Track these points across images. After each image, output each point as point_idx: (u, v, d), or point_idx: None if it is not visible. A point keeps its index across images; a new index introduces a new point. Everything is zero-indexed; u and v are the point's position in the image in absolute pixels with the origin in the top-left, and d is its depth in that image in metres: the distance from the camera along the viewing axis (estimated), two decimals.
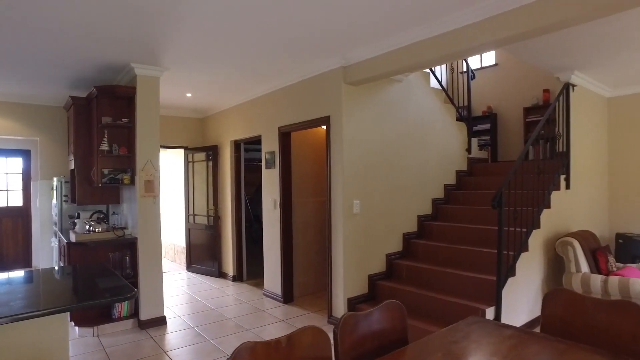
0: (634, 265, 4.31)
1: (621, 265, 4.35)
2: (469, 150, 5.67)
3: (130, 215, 4.53)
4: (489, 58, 7.16)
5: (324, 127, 4.42)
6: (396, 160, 4.67)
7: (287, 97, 4.90)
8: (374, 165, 4.43)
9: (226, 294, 5.52)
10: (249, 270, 6.40)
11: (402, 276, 4.49)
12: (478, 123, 6.99)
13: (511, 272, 3.78)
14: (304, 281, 5.32)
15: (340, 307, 4.23)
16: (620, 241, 5.33)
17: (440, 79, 5.41)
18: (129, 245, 4.36)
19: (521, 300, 3.91)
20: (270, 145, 5.23)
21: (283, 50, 3.88)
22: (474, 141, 5.87)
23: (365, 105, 4.34)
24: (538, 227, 4.18)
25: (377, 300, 4.37)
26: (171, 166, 7.69)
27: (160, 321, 4.34)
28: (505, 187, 3.65)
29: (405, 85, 4.81)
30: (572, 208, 4.85)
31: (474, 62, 7.33)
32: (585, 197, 5.22)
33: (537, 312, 4.14)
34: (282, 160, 5.04)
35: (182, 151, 6.91)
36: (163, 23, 3.19)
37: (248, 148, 6.73)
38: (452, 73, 6.77)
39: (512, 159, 5.79)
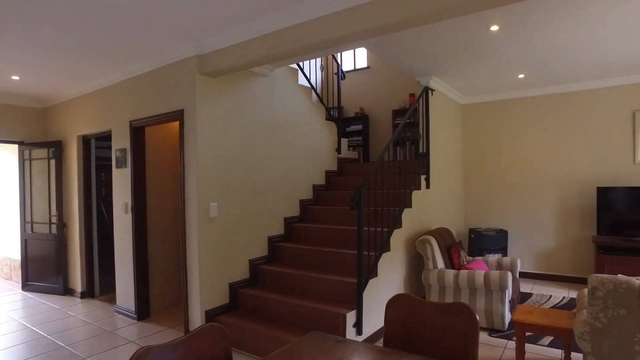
0: (480, 258, 4.63)
1: (471, 258, 4.65)
2: (339, 150, 5.66)
3: None
4: (361, 60, 7.31)
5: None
6: (260, 159, 4.41)
7: (140, 87, 4.33)
8: (235, 165, 4.11)
9: (69, 315, 4.72)
10: (104, 283, 5.61)
11: (267, 282, 4.24)
12: (350, 124, 7.11)
13: (373, 273, 3.76)
14: (164, 293, 4.79)
15: (197, 321, 3.83)
16: (472, 236, 5.77)
17: (309, 77, 5.29)
18: None
19: (384, 301, 3.92)
20: (121, 141, 4.59)
21: (133, 31, 3.35)
22: (344, 141, 5.89)
23: (224, 99, 4.00)
24: (400, 226, 4.25)
25: (240, 310, 4.06)
26: None
27: None
28: (366, 188, 3.61)
29: (271, 80, 4.58)
30: (432, 206, 5.08)
31: (348, 63, 7.44)
32: (444, 196, 5.53)
33: None
34: (135, 159, 4.45)
35: (15, 147, 5.82)
36: None
37: (103, 145, 5.91)
38: (323, 72, 6.75)
39: (385, 159, 5.93)
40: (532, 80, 5.35)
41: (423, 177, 4.82)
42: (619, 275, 3.91)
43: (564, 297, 4.97)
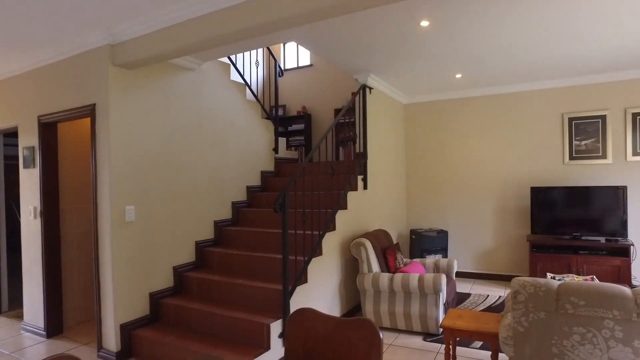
0: (418, 260, 4.55)
1: (409, 260, 4.56)
2: (276, 150, 5.43)
3: None
4: (304, 58, 7.13)
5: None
6: (188, 159, 4.11)
7: (48, 79, 3.92)
8: (158, 165, 3.79)
9: None
10: (16, 297, 5.08)
11: (193, 290, 3.95)
12: (292, 123, 6.91)
13: (302, 279, 3.57)
14: (81, 306, 4.37)
15: (111, 336, 3.47)
16: (413, 237, 5.72)
17: (243, 73, 5.04)
18: None
19: (316, 307, 3.73)
20: (28, 138, 4.14)
21: (34, 12, 2.97)
22: (282, 141, 5.67)
23: (144, 94, 3.67)
24: (333, 229, 4.09)
25: (162, 321, 3.74)
26: None
27: None
28: (293, 189, 3.41)
29: (199, 75, 4.28)
30: (370, 208, 4.96)
31: (291, 61, 7.24)
32: (383, 197, 5.44)
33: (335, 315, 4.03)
34: (45, 158, 4.02)
35: None
36: None
37: (14, 142, 5.36)
38: (265, 69, 6.52)
39: (327, 159, 5.77)
40: (470, 80, 5.37)
41: (360, 177, 4.69)
42: (549, 276, 3.92)
43: (500, 297, 5.00)
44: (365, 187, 4.75)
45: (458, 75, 5.06)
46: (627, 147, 5.16)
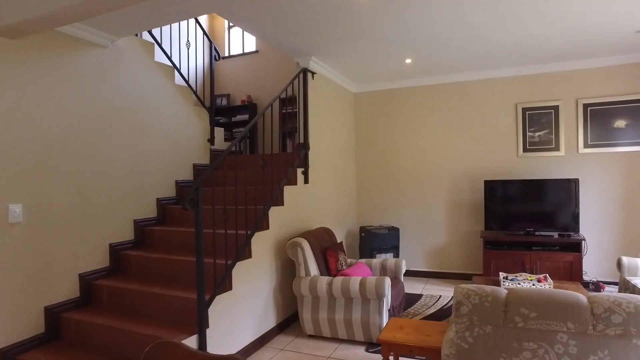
0: (363, 260, 4.17)
1: (353, 261, 4.17)
2: (211, 141, 4.91)
3: None
4: (250, 44, 6.62)
5: None
6: (99, 150, 3.54)
7: None
8: (57, 156, 3.21)
9: None
10: None
11: (103, 302, 3.39)
12: (237, 113, 6.40)
13: (225, 285, 3.09)
14: None
15: None
16: (363, 235, 5.35)
17: (170, 54, 4.49)
18: None
19: (244, 317, 3.27)
20: None
21: None
22: (220, 131, 5.14)
23: (33, 71, 3.07)
24: (266, 227, 3.63)
25: (61, 341, 3.17)
26: None
27: None
28: (222, 184, 2.93)
29: (113, 53, 3.71)
30: (312, 204, 4.54)
31: (236, 47, 6.71)
32: (329, 192, 5.03)
33: (268, 325, 3.59)
34: None
35: None
36: None
37: None
38: (197, 51, 5.98)
39: (273, 152, 5.32)
40: (421, 67, 5.04)
41: (300, 170, 4.25)
42: (502, 275, 3.62)
43: (452, 297, 4.70)
44: (306, 181, 4.32)
45: (408, 61, 4.71)
46: (578, 139, 4.98)
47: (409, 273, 5.73)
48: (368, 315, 3.36)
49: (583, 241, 4.60)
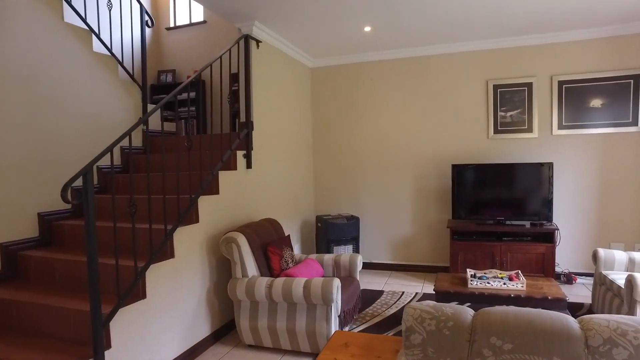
0: (314, 256, 3.64)
1: (303, 257, 3.65)
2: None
3: None
4: (197, 13, 5.91)
5: None
6: None
7: None
8: None
9: None
10: None
11: None
12: (182, 90, 5.71)
13: (135, 294, 2.51)
14: None
15: None
16: (319, 225, 4.83)
17: (85, 15, 3.78)
18: None
19: (165, 329, 2.70)
20: None
21: None
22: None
23: None
24: (195, 221, 3.05)
25: None
26: None
27: None
28: (145, 170, 2.32)
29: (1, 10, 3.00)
30: (256, 192, 3.98)
31: (183, 17, 5.99)
32: (278, 178, 4.47)
33: (201, 334, 3.04)
34: None
35: None
36: None
37: None
38: (111, 9, 5.26)
39: (224, 132, 4.69)
40: (382, 38, 4.49)
41: (241, 153, 3.67)
42: (469, 273, 3.16)
43: (416, 293, 4.26)
44: (249, 166, 3.74)
45: (367, 29, 4.15)
46: (553, 119, 4.58)
47: (370, 266, 5.27)
48: (314, 323, 2.85)
49: (556, 231, 4.22)
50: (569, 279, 4.50)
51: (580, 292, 4.24)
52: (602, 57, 4.42)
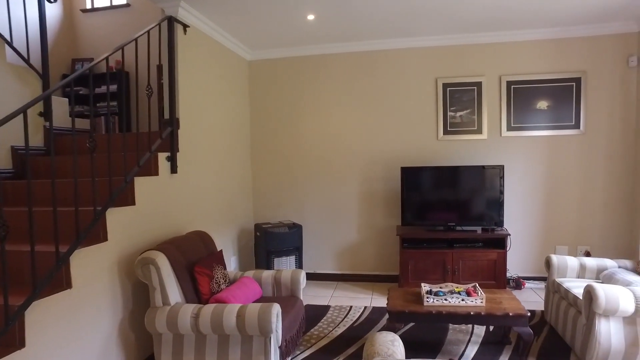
0: (251, 273, 3.17)
1: (239, 275, 3.17)
2: (45, 115, 3.55)
3: None
4: None
5: None
6: None
7: None
8: None
9: None
10: None
11: None
12: (102, 83, 5.01)
13: (11, 341, 1.93)
14: None
15: None
16: (258, 234, 4.37)
17: None
18: None
19: None
20: None
21: None
22: (62, 102, 3.80)
23: None
24: (103, 239, 2.48)
25: None
26: None
27: None
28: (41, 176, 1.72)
29: None
30: (184, 200, 3.44)
31: None
32: (212, 183, 3.96)
33: None
34: None
35: None
36: None
37: None
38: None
39: (151, 130, 4.07)
40: (326, 29, 4.12)
41: (165, 156, 3.13)
42: (424, 288, 2.83)
43: (365, 308, 3.92)
44: (173, 170, 3.21)
45: (310, 17, 3.75)
46: (502, 120, 4.44)
47: (314, 277, 4.87)
48: (250, 358, 2.40)
49: (508, 236, 4.06)
50: (518, 284, 4.38)
51: (530, 297, 4.11)
52: (548, 58, 4.34)
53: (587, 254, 4.37)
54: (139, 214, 2.80)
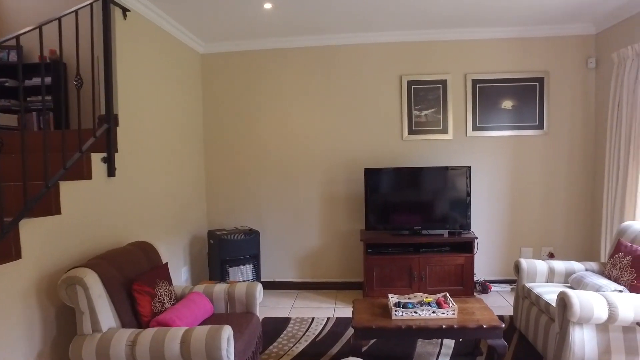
0: (202, 288, 2.83)
1: (188, 289, 2.82)
2: None
3: None
4: None
5: None
6: None
7: None
8: None
9: None
10: None
11: None
12: (33, 75, 4.47)
13: None
14: None
15: None
16: (212, 242, 4.02)
17: None
18: None
19: None
20: None
21: None
22: None
23: None
24: (15, 256, 2.07)
25: None
26: None
27: None
28: None
29: None
30: (124, 207, 3.04)
31: None
32: (158, 186, 3.57)
33: None
34: None
35: None
36: None
37: None
38: None
39: (88, 127, 3.60)
40: (285, 20, 3.83)
41: (100, 157, 2.74)
42: (392, 300, 2.61)
43: (328, 319, 3.66)
44: (111, 173, 2.81)
45: (267, 5, 3.45)
46: (467, 120, 4.32)
47: (273, 286, 4.56)
48: None
49: (475, 240, 3.93)
50: (484, 288, 4.27)
51: (496, 302, 4.00)
52: (512, 57, 4.26)
53: (551, 256, 4.32)
54: (66, 225, 2.40)
